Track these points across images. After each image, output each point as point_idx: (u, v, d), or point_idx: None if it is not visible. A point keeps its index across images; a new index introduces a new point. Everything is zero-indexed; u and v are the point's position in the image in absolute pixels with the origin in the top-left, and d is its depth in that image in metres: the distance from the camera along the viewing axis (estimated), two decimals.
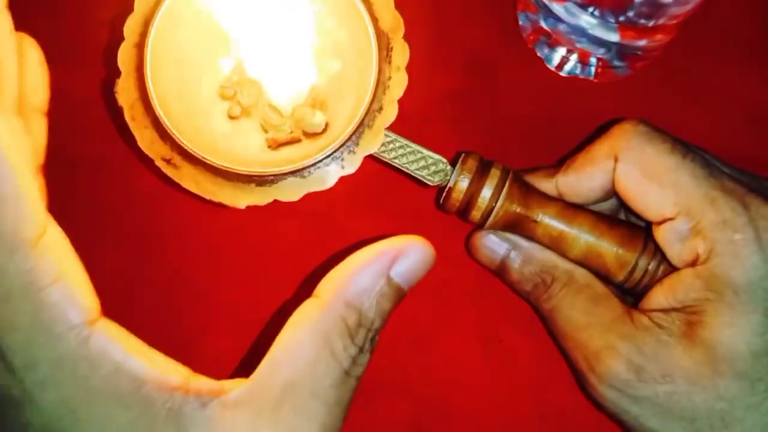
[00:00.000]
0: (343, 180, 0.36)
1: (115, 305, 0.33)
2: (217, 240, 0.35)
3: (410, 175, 0.30)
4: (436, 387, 0.32)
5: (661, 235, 0.27)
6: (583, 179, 0.29)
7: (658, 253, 0.28)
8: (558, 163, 0.31)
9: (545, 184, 0.30)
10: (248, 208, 0.35)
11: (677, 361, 0.26)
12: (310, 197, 0.36)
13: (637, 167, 0.28)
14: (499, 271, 0.31)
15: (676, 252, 0.27)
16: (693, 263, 0.26)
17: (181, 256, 0.34)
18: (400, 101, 0.29)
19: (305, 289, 0.34)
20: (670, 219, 0.27)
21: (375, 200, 0.36)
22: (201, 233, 0.35)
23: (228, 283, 0.34)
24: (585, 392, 0.28)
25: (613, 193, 0.29)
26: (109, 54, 0.30)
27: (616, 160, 0.28)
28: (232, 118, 0.30)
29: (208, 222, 0.35)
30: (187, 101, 0.29)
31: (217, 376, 0.33)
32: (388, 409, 0.32)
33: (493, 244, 0.30)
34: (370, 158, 0.30)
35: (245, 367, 0.33)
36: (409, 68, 0.29)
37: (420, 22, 0.30)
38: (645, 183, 0.27)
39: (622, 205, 0.30)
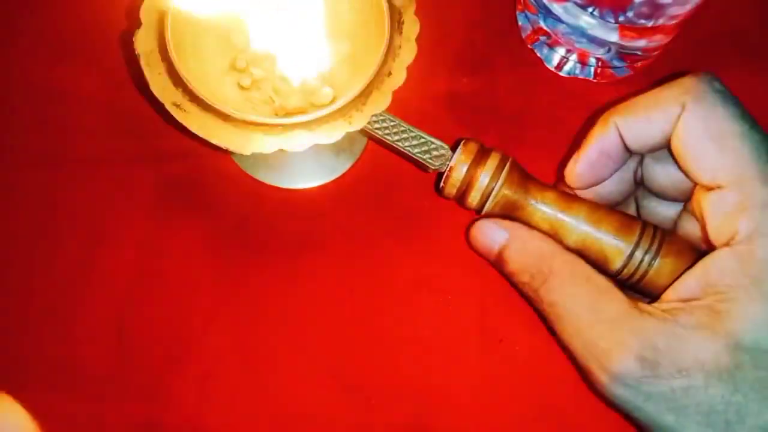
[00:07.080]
0: (342, 180, 0.36)
1: (119, 303, 0.34)
2: (216, 239, 0.35)
3: (412, 158, 0.30)
4: (436, 387, 0.32)
5: (707, 202, 0.26)
6: (642, 122, 0.28)
7: (655, 242, 0.28)
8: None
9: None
10: (248, 208, 0.36)
11: (694, 354, 0.25)
12: (310, 197, 0.36)
13: (702, 123, 0.26)
14: (497, 261, 0.30)
15: (716, 224, 0.26)
16: (728, 242, 0.25)
17: (180, 255, 0.34)
18: (400, 101, 0.29)
19: (305, 289, 0.34)
20: (720, 188, 0.26)
21: (375, 200, 0.36)
22: (201, 232, 0.35)
23: (228, 282, 0.34)
24: (594, 391, 0.27)
25: (655, 148, 0.28)
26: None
27: (683, 109, 0.27)
28: (243, 88, 0.31)
29: (207, 221, 0.35)
30: (202, 69, 0.30)
31: (217, 373, 0.33)
32: (388, 409, 0.32)
33: (491, 232, 0.30)
34: (376, 142, 0.30)
35: (245, 366, 0.33)
36: (409, 68, 0.29)
37: (420, 22, 0.30)
38: (706, 142, 0.26)
39: (636, 200, 0.29)
